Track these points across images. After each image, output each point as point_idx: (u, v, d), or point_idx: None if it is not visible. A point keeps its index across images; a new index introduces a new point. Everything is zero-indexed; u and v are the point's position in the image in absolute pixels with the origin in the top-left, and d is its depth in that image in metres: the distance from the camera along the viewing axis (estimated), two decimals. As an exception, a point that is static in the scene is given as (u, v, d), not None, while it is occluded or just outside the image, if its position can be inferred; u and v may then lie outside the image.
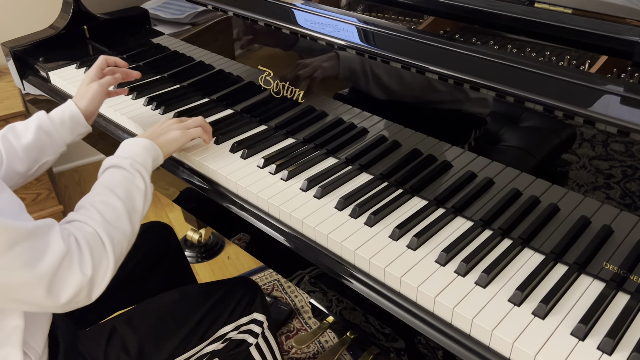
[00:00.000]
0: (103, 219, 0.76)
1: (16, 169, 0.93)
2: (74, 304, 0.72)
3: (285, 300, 1.76)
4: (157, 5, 1.33)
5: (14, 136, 0.94)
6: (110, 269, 0.75)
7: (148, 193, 0.85)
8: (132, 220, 0.80)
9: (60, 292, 0.69)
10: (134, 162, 0.85)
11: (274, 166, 0.97)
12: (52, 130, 0.97)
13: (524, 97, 0.74)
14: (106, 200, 0.79)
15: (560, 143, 0.75)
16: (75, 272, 0.70)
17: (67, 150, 1.04)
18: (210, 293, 1.01)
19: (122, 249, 0.78)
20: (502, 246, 0.79)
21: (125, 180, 0.83)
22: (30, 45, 1.46)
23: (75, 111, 1.01)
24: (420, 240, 0.79)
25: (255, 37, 1.10)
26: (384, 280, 0.76)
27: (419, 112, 0.92)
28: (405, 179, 0.92)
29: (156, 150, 0.92)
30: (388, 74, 0.90)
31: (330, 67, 0.98)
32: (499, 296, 0.71)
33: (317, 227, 0.83)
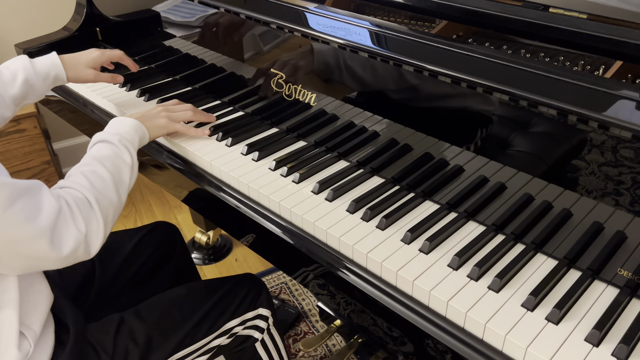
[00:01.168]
0: (91, 186, 0.81)
1: (3, 115, 1.01)
2: (74, 258, 0.76)
3: (293, 303, 1.76)
4: (168, 8, 1.34)
5: (2, 84, 1.01)
6: (102, 228, 0.79)
7: (134, 167, 0.91)
8: (119, 190, 0.86)
9: (62, 245, 0.73)
10: (122, 138, 0.90)
11: (286, 169, 0.97)
12: (37, 83, 1.06)
13: (539, 101, 0.74)
14: (94, 170, 0.84)
15: (572, 148, 0.75)
16: (71, 227, 0.74)
17: (76, 152, 1.10)
18: (216, 288, 1.03)
19: (109, 215, 0.82)
20: (514, 251, 0.79)
21: (113, 154, 0.88)
22: (44, 47, 1.47)
23: (61, 74, 1.10)
24: (432, 244, 0.79)
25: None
26: (395, 284, 0.76)
27: (430, 116, 0.92)
28: (417, 182, 0.92)
29: (143, 131, 0.97)
30: (398, 78, 0.91)
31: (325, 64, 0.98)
32: (512, 301, 0.71)
33: (328, 230, 0.83)
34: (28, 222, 0.69)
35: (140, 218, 2.14)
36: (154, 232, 1.19)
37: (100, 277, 1.08)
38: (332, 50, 0.98)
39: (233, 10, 1.13)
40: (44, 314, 0.83)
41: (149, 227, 1.20)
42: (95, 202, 0.79)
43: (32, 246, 0.71)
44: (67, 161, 2.34)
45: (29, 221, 0.69)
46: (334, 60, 0.98)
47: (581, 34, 0.75)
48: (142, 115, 1.02)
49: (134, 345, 0.90)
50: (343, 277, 0.81)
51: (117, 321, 0.93)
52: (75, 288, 1.05)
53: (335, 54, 0.98)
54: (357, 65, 0.95)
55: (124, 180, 0.87)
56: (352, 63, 0.96)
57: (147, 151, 1.15)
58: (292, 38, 1.05)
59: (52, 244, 0.72)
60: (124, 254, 1.13)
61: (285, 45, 1.07)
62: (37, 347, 0.80)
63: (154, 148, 1.14)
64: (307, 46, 1.02)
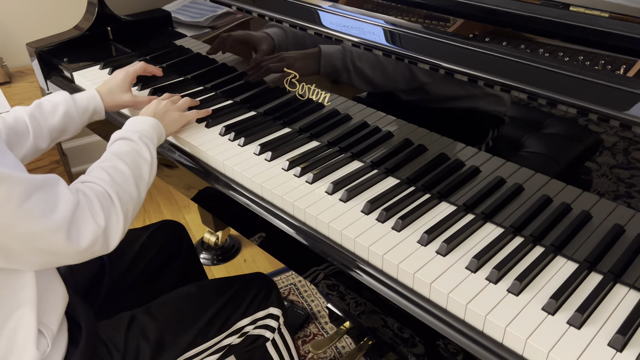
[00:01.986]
0: (112, 180, 0.81)
1: (39, 147, 1.01)
2: (92, 252, 0.76)
3: (302, 305, 1.75)
4: (177, 9, 1.34)
5: (42, 116, 1.01)
6: (121, 223, 0.79)
7: (153, 164, 0.91)
8: (139, 186, 0.86)
9: (80, 238, 0.73)
10: (142, 135, 0.92)
11: (299, 169, 0.96)
12: (76, 116, 1.06)
13: (560, 100, 0.73)
14: (115, 165, 0.84)
15: (590, 149, 0.74)
16: (90, 221, 0.74)
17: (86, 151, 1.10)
18: (227, 287, 1.03)
19: (129, 210, 0.82)
20: (534, 253, 0.78)
21: (133, 150, 0.89)
22: (55, 46, 1.47)
23: (100, 107, 1.10)
24: (450, 246, 0.78)
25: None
26: (412, 286, 0.75)
27: (445, 116, 0.91)
28: (433, 183, 0.90)
29: (161, 130, 0.99)
30: (409, 78, 0.89)
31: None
32: (532, 304, 0.69)
33: (343, 231, 0.82)
34: (44, 216, 0.68)
35: (148, 218, 2.14)
36: (160, 230, 1.19)
37: (110, 275, 1.08)
38: (339, 52, 0.97)
39: (245, 9, 1.12)
40: (60, 313, 0.83)
41: (155, 225, 1.20)
42: (116, 197, 0.79)
43: (48, 240, 0.70)
44: (76, 161, 2.34)
45: (44, 215, 0.69)
46: (342, 62, 0.98)
47: (603, 32, 0.74)
48: (155, 114, 1.03)
49: (145, 342, 0.90)
50: (358, 279, 0.80)
51: (129, 319, 0.92)
52: (86, 286, 1.05)
53: (342, 56, 0.97)
54: (366, 66, 0.95)
55: (143, 176, 0.88)
56: (360, 64, 0.95)
57: (158, 150, 1.14)
58: (306, 38, 1.04)
59: (69, 238, 0.71)
60: (132, 252, 1.13)
61: (298, 45, 1.06)
62: (52, 346, 0.80)
63: (166, 147, 1.13)
64: (314, 48, 1.01)
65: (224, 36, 1.22)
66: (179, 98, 1.15)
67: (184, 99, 1.14)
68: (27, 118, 0.98)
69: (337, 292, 0.90)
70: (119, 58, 1.48)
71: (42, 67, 1.47)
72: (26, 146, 0.99)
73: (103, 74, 1.38)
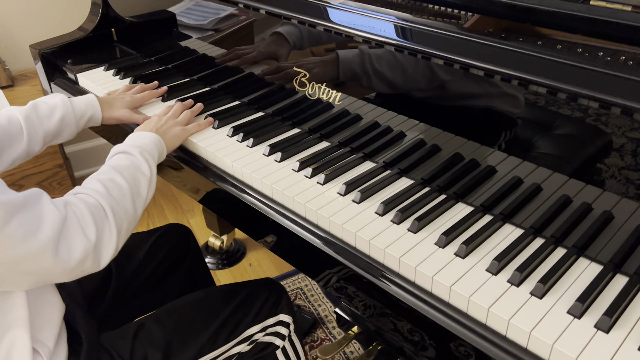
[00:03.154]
0: (108, 193, 0.77)
1: (32, 150, 0.97)
2: (82, 270, 0.72)
3: (309, 309, 1.73)
4: (180, 12, 1.32)
5: (37, 118, 0.97)
6: (114, 239, 0.75)
7: (152, 181, 0.88)
8: (136, 202, 0.82)
9: (69, 257, 0.68)
10: (143, 150, 0.89)
11: (310, 169, 0.93)
12: (73, 122, 1.03)
13: (581, 94, 0.70)
14: (112, 178, 0.81)
15: (610, 147, 0.71)
16: (80, 236, 0.70)
17: (88, 156, 1.07)
18: (236, 293, 1.00)
19: (123, 226, 0.78)
20: (556, 255, 0.75)
21: (132, 165, 0.86)
22: (58, 48, 1.45)
23: (97, 115, 1.08)
24: (469, 247, 0.75)
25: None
26: (431, 290, 0.73)
27: (459, 116, 0.88)
28: (448, 184, 0.88)
29: (162, 146, 0.96)
30: (429, 78, 0.87)
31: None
32: (557, 307, 0.67)
33: (358, 233, 0.80)
34: (27, 238, 0.63)
35: (152, 222, 2.12)
36: (167, 234, 1.17)
37: (117, 280, 1.05)
38: (357, 56, 0.95)
39: (252, 6, 1.10)
40: (57, 327, 0.80)
41: (162, 229, 1.17)
42: (110, 211, 0.75)
43: (35, 262, 0.66)
44: (79, 165, 2.32)
45: (28, 237, 0.63)
46: (361, 67, 0.95)
47: (626, 26, 0.72)
48: (157, 129, 1.00)
49: (152, 350, 0.87)
50: (373, 282, 0.77)
51: (136, 326, 0.90)
52: (92, 292, 1.02)
53: (361, 60, 0.94)
54: (385, 69, 0.92)
55: (141, 192, 0.84)
56: (380, 67, 0.93)
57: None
58: (321, 35, 1.02)
59: (57, 256, 0.67)
60: (138, 257, 1.10)
61: (313, 42, 1.04)
62: None
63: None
64: (332, 54, 0.98)
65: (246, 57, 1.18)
66: (180, 110, 1.11)
67: (184, 112, 1.10)
68: (22, 120, 0.95)
69: (348, 296, 0.87)
70: (124, 59, 1.46)
71: (46, 69, 1.45)
72: (18, 149, 0.95)
73: (107, 76, 1.36)
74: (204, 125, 1.10)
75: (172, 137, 1.02)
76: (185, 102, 1.14)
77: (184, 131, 1.05)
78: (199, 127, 1.09)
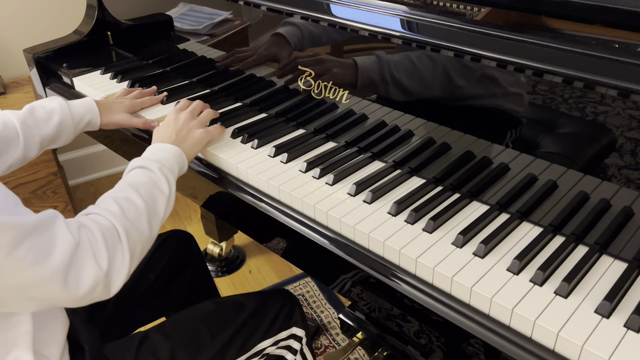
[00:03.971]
0: (122, 214, 0.72)
1: (28, 155, 0.94)
2: (91, 298, 0.67)
3: (311, 316, 1.69)
4: (175, 17, 1.30)
5: (34, 123, 0.94)
6: (126, 264, 0.70)
7: (171, 199, 0.82)
8: (152, 223, 0.77)
9: (78, 285, 0.64)
10: (162, 165, 0.83)
11: (318, 170, 0.91)
12: (71, 126, 0.99)
13: (598, 81, 0.68)
14: (128, 197, 0.76)
15: (626, 142, 0.69)
16: (91, 263, 0.65)
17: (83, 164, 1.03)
18: (246, 304, 0.96)
19: (136, 250, 0.73)
20: (577, 253, 0.73)
21: (150, 181, 0.80)
22: (53, 51, 1.42)
23: (95, 119, 1.04)
24: (488, 247, 0.72)
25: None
26: (450, 291, 0.70)
27: (467, 114, 0.86)
28: (461, 182, 0.85)
29: (183, 160, 0.89)
30: (445, 82, 0.85)
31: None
32: (584, 307, 0.64)
33: (371, 234, 0.77)
34: (37, 263, 0.60)
35: (149, 230, 2.08)
36: (168, 240, 1.13)
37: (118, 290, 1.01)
38: (375, 63, 0.92)
39: (253, 2, 1.07)
40: (61, 343, 0.77)
41: (163, 236, 1.14)
42: (124, 234, 0.70)
43: (41, 289, 0.62)
44: (74, 173, 2.28)
45: (37, 263, 0.60)
46: (379, 75, 0.92)
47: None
48: (176, 137, 0.92)
49: None
50: (389, 284, 0.74)
51: (140, 338, 0.86)
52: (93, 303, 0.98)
53: (379, 68, 0.92)
54: (403, 77, 0.90)
55: (158, 211, 0.79)
56: (398, 75, 0.90)
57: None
58: (322, 35, 0.99)
59: (66, 284, 0.63)
60: (141, 264, 1.06)
61: (314, 42, 1.02)
62: None
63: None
64: (349, 60, 0.95)
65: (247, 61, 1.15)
66: (200, 107, 1.02)
67: (206, 111, 1.02)
68: (18, 125, 0.91)
69: (359, 300, 0.84)
70: (121, 62, 1.43)
71: (40, 73, 1.42)
72: (15, 155, 0.91)
73: (104, 79, 1.33)
74: (224, 128, 1.02)
75: (193, 144, 0.93)
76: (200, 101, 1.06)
77: (206, 134, 0.96)
78: (221, 130, 1.01)
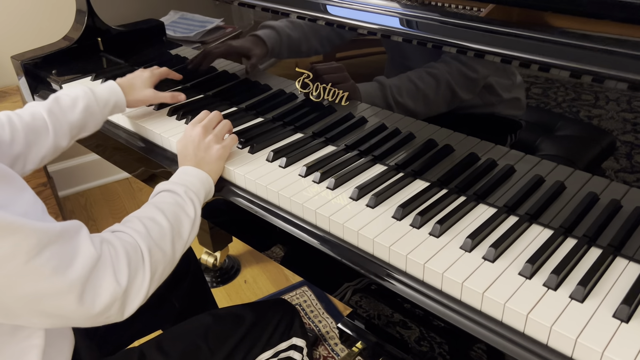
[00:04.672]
0: (147, 234, 0.70)
1: (60, 145, 0.93)
2: (106, 317, 0.64)
3: (309, 326, 1.65)
4: (167, 25, 1.28)
5: (61, 111, 0.93)
6: (145, 285, 0.68)
7: (196, 223, 0.80)
8: (175, 245, 0.75)
9: (94, 301, 0.61)
10: (188, 189, 0.82)
11: (319, 174, 0.88)
12: (97, 111, 0.98)
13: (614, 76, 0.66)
14: (153, 217, 0.74)
15: (634, 140, 0.67)
16: (110, 280, 0.63)
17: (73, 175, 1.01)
18: (245, 316, 0.92)
19: (158, 271, 0.71)
20: (591, 255, 0.70)
21: (176, 204, 0.78)
22: (42, 58, 1.38)
23: (121, 100, 1.04)
24: (498, 250, 0.70)
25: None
26: (460, 298, 0.67)
27: (470, 116, 0.84)
28: (467, 185, 0.83)
29: (210, 184, 0.88)
30: (450, 99, 0.83)
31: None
32: (602, 312, 0.61)
33: (376, 239, 0.74)
34: (56, 273, 0.58)
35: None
36: None
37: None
38: (378, 89, 0.91)
39: (247, 3, 1.04)
40: (68, 358, 0.74)
41: None
42: (147, 253, 0.68)
43: (56, 302, 0.59)
44: (64, 184, 2.23)
45: (57, 273, 0.58)
46: (383, 100, 0.91)
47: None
48: (198, 158, 0.89)
49: None
50: (396, 292, 0.71)
51: (137, 354, 0.82)
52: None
53: (383, 94, 0.90)
54: (408, 100, 0.88)
55: (182, 234, 0.77)
56: (403, 99, 0.89)
57: (154, 158, 1.06)
58: (301, 42, 0.97)
59: (82, 300, 0.60)
60: None
61: (292, 50, 0.99)
62: None
63: (167, 158, 1.04)
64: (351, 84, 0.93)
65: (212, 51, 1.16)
66: (215, 120, 0.96)
67: (221, 124, 0.95)
68: (45, 114, 0.91)
69: (362, 307, 0.81)
70: (112, 68, 1.39)
71: (29, 81, 1.38)
72: (46, 145, 0.90)
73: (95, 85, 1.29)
74: (237, 138, 0.97)
75: (213, 162, 0.89)
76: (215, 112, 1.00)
77: (223, 150, 0.91)
78: (235, 141, 0.96)
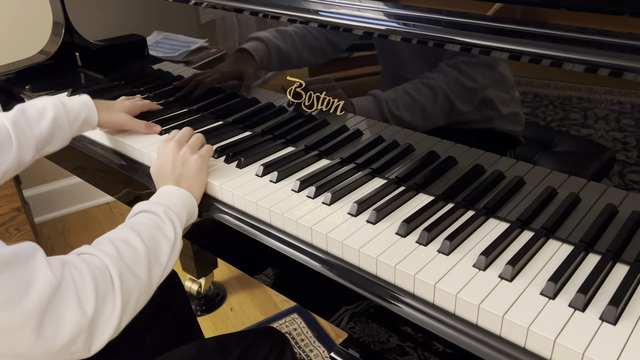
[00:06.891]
0: (119, 257, 0.62)
1: (23, 159, 0.86)
2: (70, 352, 0.56)
3: (300, 356, 1.56)
4: (150, 45, 1.23)
5: (26, 123, 0.85)
6: (117, 314, 0.59)
7: (176, 247, 0.73)
8: (152, 271, 0.67)
9: (55, 334, 0.53)
10: (168, 209, 0.74)
11: (313, 189, 0.81)
12: (66, 124, 0.91)
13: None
14: (127, 239, 0.66)
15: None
16: (73, 308, 0.55)
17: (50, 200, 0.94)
18: (232, 346, 0.84)
19: (132, 299, 0.63)
20: (618, 273, 0.64)
21: (155, 226, 0.71)
22: (15, 73, 1.31)
23: (93, 116, 0.96)
24: (515, 268, 0.63)
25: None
26: (477, 322, 0.60)
27: (470, 128, 0.79)
28: (475, 198, 0.77)
29: (193, 205, 0.81)
30: (449, 110, 0.77)
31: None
32: (638, 334, 0.55)
33: (379, 258, 0.67)
34: (6, 306, 0.50)
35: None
36: None
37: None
38: (373, 103, 0.86)
39: (235, 7, 0.98)
40: None
41: None
42: (117, 278, 0.61)
43: (9, 338, 0.51)
44: (40, 210, 2.13)
45: (7, 305, 0.50)
46: (379, 114, 0.86)
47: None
48: (172, 173, 0.83)
49: None
50: (403, 316, 0.64)
51: None
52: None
53: (378, 108, 0.85)
54: (405, 112, 0.83)
55: (160, 258, 0.69)
56: (399, 112, 0.83)
57: (136, 177, 0.98)
58: (291, 54, 0.91)
59: (40, 334, 0.52)
60: None
61: (283, 61, 0.93)
62: None
63: (149, 176, 0.97)
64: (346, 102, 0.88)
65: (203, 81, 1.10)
66: (187, 135, 0.91)
67: (195, 136, 0.91)
68: (9, 125, 0.83)
69: (362, 334, 0.74)
70: (90, 84, 1.32)
71: (1, 97, 1.30)
72: (8, 159, 0.83)
73: (72, 101, 1.22)
74: (212, 147, 0.92)
75: (193, 176, 0.83)
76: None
77: (202, 159, 0.86)
78: (211, 150, 0.91)
